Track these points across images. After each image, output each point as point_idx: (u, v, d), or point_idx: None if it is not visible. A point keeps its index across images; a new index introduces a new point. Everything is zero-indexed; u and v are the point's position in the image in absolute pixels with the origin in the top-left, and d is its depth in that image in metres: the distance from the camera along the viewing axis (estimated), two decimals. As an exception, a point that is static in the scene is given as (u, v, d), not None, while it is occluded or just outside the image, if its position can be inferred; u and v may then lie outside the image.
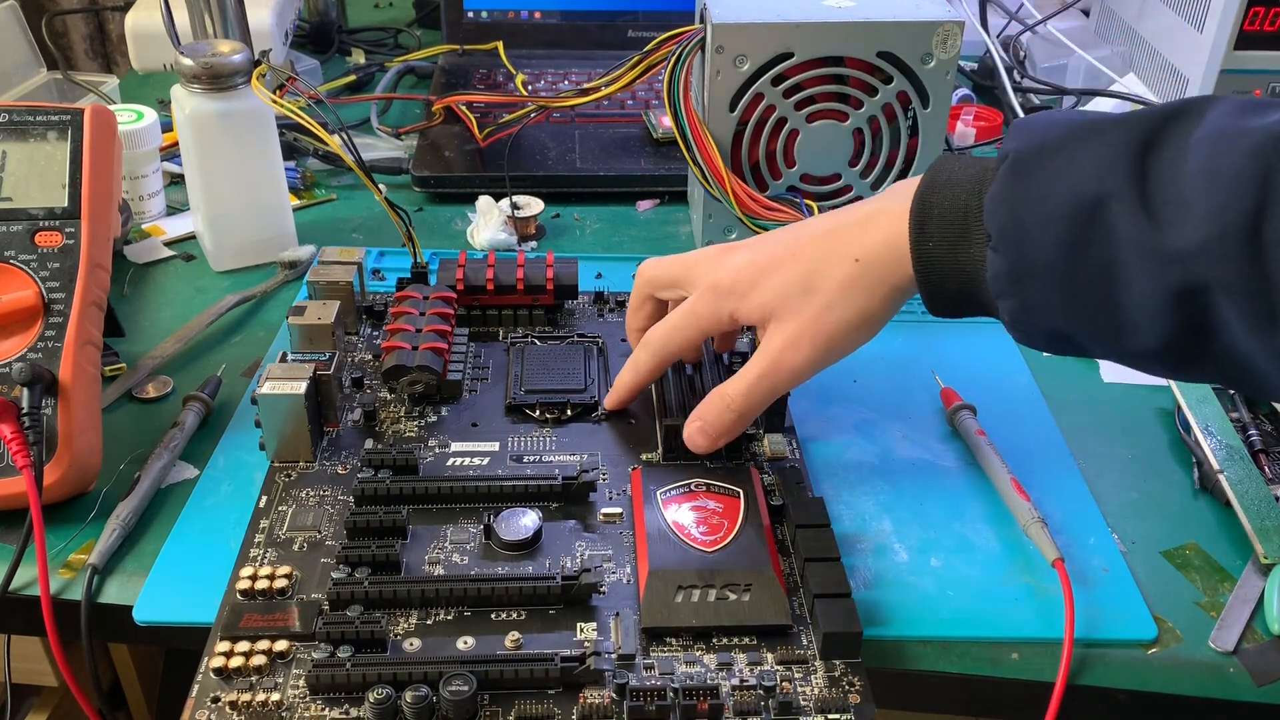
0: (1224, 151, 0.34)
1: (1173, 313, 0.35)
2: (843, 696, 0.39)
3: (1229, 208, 0.33)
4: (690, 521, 0.45)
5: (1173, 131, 0.36)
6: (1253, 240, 0.33)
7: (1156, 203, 0.35)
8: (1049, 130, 0.38)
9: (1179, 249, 0.34)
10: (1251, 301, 0.34)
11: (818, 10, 0.61)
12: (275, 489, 0.48)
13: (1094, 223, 0.36)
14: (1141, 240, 0.35)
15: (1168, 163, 0.35)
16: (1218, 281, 0.34)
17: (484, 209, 0.72)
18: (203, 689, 0.39)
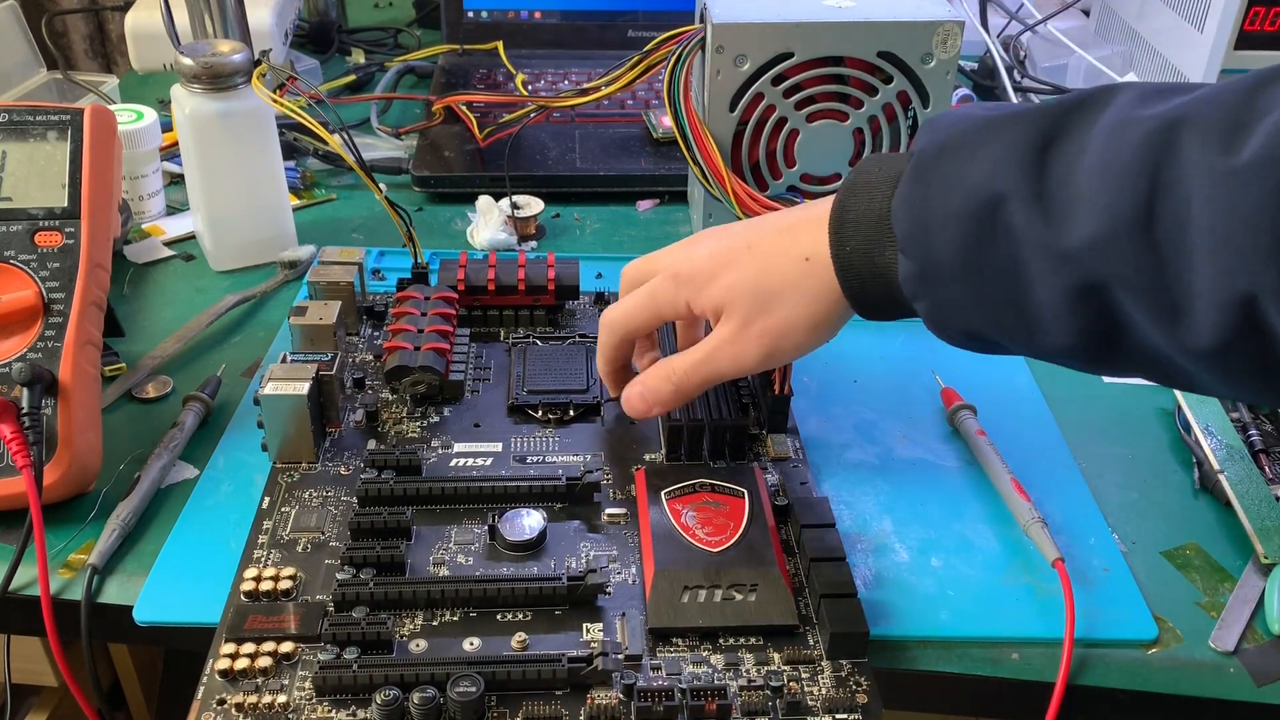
0: (1117, 143, 0.33)
1: (1078, 311, 0.34)
2: (850, 696, 0.39)
3: (1120, 201, 0.32)
4: (695, 521, 0.45)
5: (1074, 124, 0.35)
6: (1145, 234, 0.32)
7: (1051, 199, 0.34)
8: (953, 128, 0.38)
9: (1073, 246, 0.33)
10: (1151, 297, 0.33)
11: (818, 10, 0.62)
12: (278, 490, 0.48)
13: (994, 222, 0.35)
14: (1038, 238, 0.34)
15: (1066, 157, 0.34)
16: (1116, 278, 0.33)
17: (484, 209, 0.72)
18: (208, 691, 0.39)
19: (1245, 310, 0.31)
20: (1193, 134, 0.32)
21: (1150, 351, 0.34)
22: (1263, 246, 0.30)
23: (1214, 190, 0.31)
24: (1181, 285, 0.32)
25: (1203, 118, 0.32)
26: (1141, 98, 0.34)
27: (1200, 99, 0.33)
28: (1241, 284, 0.31)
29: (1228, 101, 0.32)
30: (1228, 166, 0.31)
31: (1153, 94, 0.34)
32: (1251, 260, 0.30)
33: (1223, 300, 0.31)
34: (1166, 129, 0.32)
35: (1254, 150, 0.30)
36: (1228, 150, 0.31)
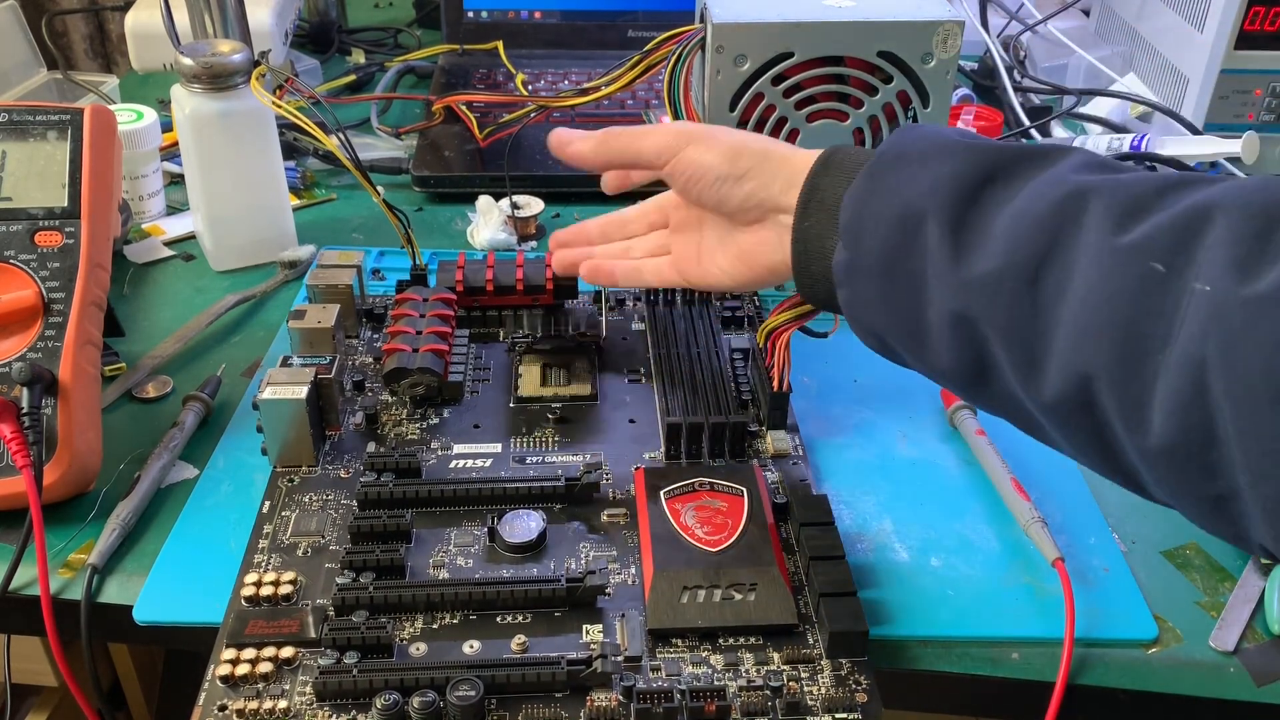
0: (1037, 197, 0.35)
1: (955, 339, 0.37)
2: (850, 696, 0.39)
3: (1018, 251, 0.34)
4: (694, 521, 0.45)
5: (1018, 171, 0.37)
6: (1029, 286, 0.34)
7: (967, 231, 0.36)
8: (917, 142, 0.39)
9: (965, 279, 0.35)
10: (1015, 345, 0.34)
11: (818, 10, 0.61)
12: (278, 494, 0.48)
13: (915, 235, 0.37)
14: (942, 262, 0.36)
15: (996, 197, 0.36)
16: (988, 318, 0.35)
17: (484, 209, 0.71)
18: (209, 697, 0.39)
19: (1083, 385, 0.33)
20: (1098, 205, 0.34)
21: (1013, 397, 0.36)
22: (1115, 329, 0.31)
23: (1095, 262, 0.32)
24: (1042, 342, 0.34)
25: (1112, 194, 0.34)
26: (1084, 165, 0.36)
27: (1122, 180, 0.34)
28: (1086, 361, 0.32)
29: (1142, 187, 0.34)
30: (1112, 244, 0.32)
31: (1095, 164, 0.36)
32: (1099, 340, 0.32)
33: (1069, 370, 0.33)
34: (1080, 195, 0.34)
35: (1138, 235, 0.32)
36: (1118, 229, 0.32)
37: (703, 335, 0.57)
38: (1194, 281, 0.30)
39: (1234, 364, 0.29)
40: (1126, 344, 0.31)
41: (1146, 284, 0.31)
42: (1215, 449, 0.30)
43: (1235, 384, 0.29)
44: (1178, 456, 0.31)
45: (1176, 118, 0.81)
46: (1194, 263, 0.30)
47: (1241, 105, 0.79)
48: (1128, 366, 0.31)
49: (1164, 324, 0.31)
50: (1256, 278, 0.29)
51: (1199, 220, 0.31)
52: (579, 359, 0.57)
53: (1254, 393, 0.28)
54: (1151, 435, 0.31)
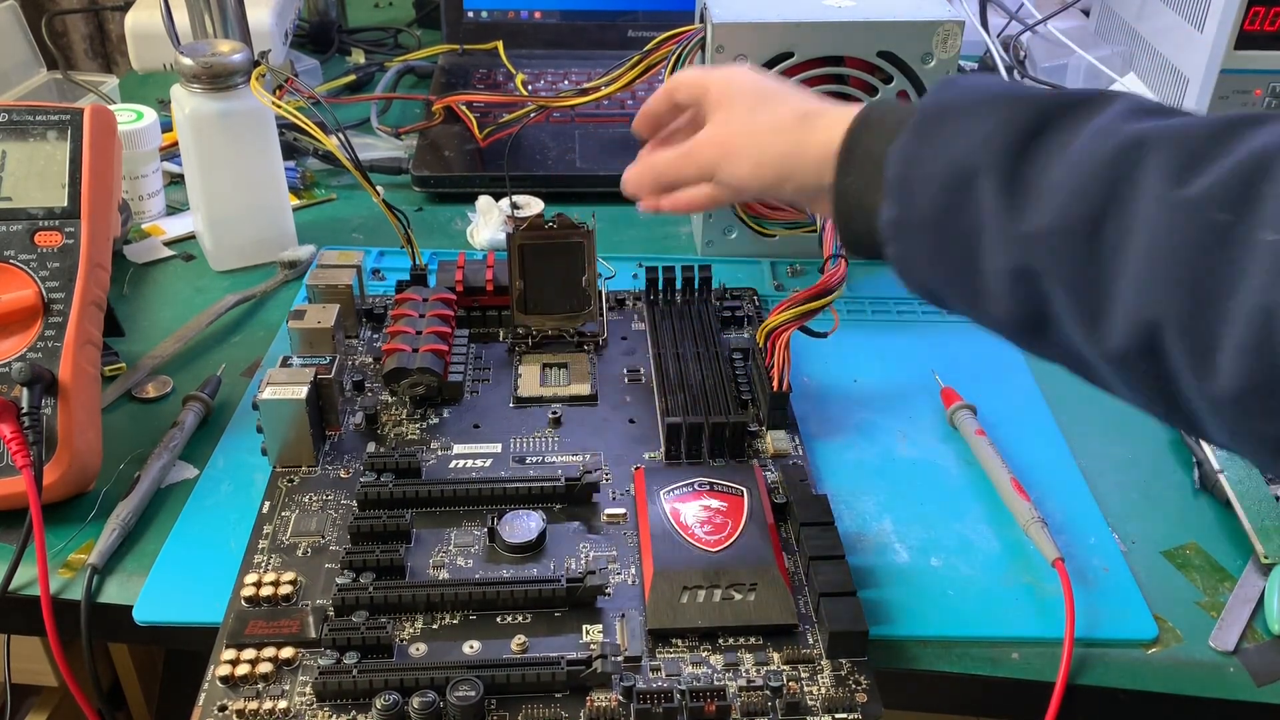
0: (1091, 148, 0.35)
1: (1014, 292, 0.36)
2: (849, 696, 0.39)
3: (1076, 202, 0.34)
4: (694, 521, 0.45)
5: (1067, 120, 0.36)
6: (1090, 239, 0.34)
7: (1021, 184, 0.36)
8: (962, 94, 0.39)
9: (1024, 232, 0.35)
10: (1078, 297, 0.34)
11: (818, 10, 0.61)
12: (278, 494, 0.48)
13: (967, 190, 0.37)
14: (998, 217, 0.36)
15: (1049, 148, 0.36)
16: (1050, 270, 0.35)
17: (484, 209, 0.72)
18: (209, 697, 0.39)
19: (1150, 333, 0.33)
20: (1155, 156, 0.33)
21: (1072, 346, 0.36)
22: (1180, 278, 0.32)
23: (1157, 215, 0.32)
24: (1106, 293, 0.34)
25: (1169, 143, 0.34)
26: (1132, 111, 0.36)
27: (1175, 125, 0.34)
28: (1153, 309, 0.32)
29: (1197, 134, 0.33)
30: (1174, 197, 0.32)
31: (1143, 110, 0.36)
32: (1167, 289, 0.32)
33: (1135, 319, 0.33)
34: (1135, 146, 0.34)
35: (1201, 187, 0.32)
36: (1179, 181, 0.32)
37: (703, 335, 0.57)
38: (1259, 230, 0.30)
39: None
40: (1194, 293, 0.31)
41: (1212, 235, 0.31)
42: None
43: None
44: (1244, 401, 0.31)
45: (1176, 118, 0.80)
46: (1260, 210, 0.30)
47: (1241, 105, 0.79)
48: (1196, 315, 0.31)
49: (1232, 271, 0.31)
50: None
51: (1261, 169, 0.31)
52: (579, 359, 0.57)
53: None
54: (1219, 381, 0.31)
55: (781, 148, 0.45)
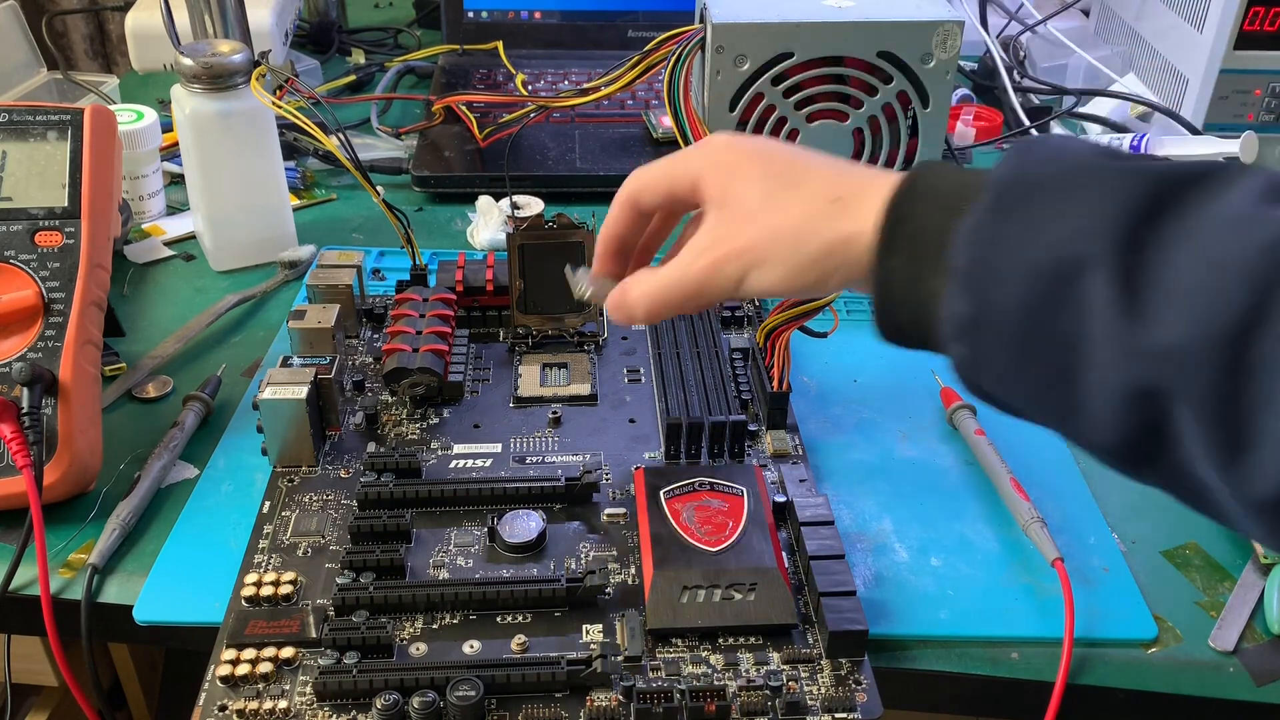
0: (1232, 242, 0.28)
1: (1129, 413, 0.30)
2: (849, 695, 0.39)
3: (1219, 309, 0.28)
4: (694, 521, 0.45)
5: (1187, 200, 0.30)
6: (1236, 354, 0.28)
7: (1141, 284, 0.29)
8: (1047, 164, 0.33)
9: (1150, 346, 0.29)
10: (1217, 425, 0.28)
11: (818, 10, 0.62)
12: (278, 494, 0.48)
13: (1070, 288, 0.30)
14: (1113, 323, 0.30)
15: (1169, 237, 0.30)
16: (1184, 392, 0.29)
17: (484, 209, 0.72)
18: (210, 697, 0.39)
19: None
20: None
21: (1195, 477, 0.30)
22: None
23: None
24: (1255, 422, 0.28)
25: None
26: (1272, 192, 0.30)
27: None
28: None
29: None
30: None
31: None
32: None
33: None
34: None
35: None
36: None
37: (703, 335, 0.57)
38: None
39: None
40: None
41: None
42: None
43: None
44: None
45: (1176, 118, 0.81)
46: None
47: (1241, 105, 0.79)
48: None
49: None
50: None
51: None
52: (579, 359, 0.57)
53: None
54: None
55: (818, 245, 0.37)
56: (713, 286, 0.39)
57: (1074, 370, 0.31)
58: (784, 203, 0.38)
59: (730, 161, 0.40)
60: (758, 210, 0.38)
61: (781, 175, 0.39)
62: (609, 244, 0.44)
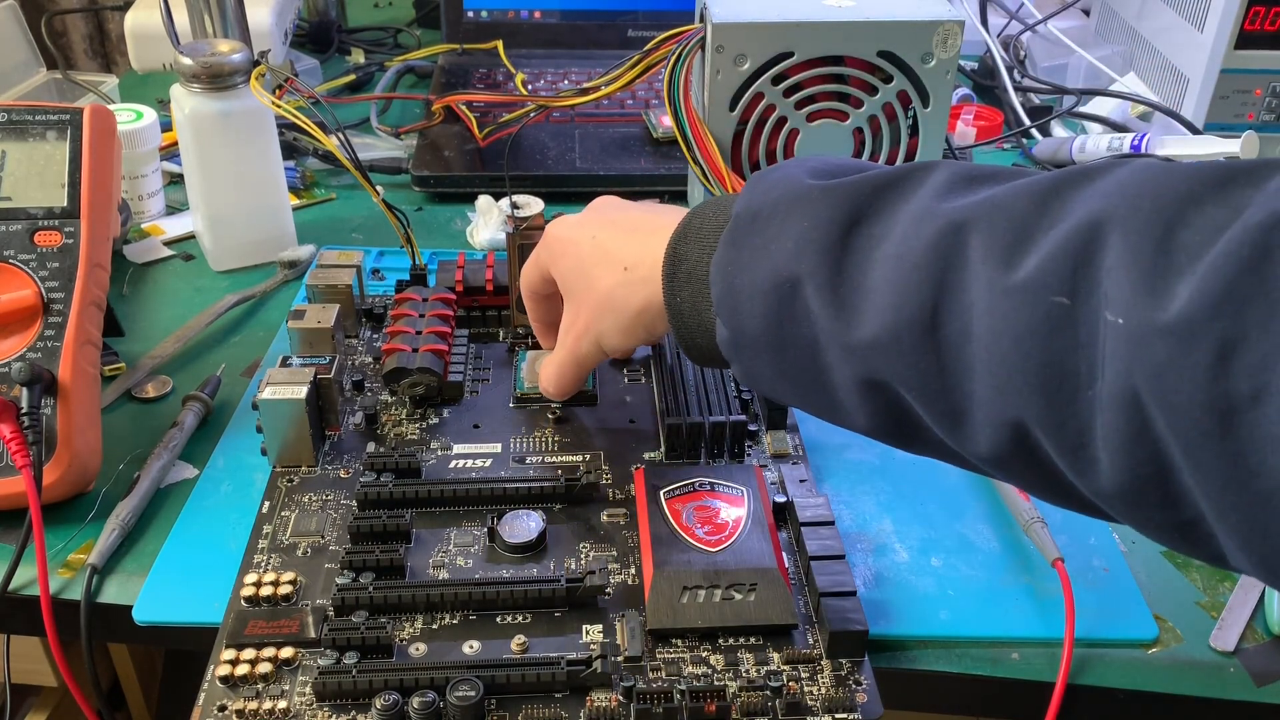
0: (911, 236, 0.32)
1: (867, 401, 0.34)
2: (849, 696, 0.39)
3: (907, 301, 0.31)
4: (694, 521, 0.45)
5: (880, 207, 0.33)
6: (929, 337, 0.31)
7: (845, 287, 0.33)
8: (769, 193, 0.36)
9: (859, 341, 0.32)
10: (933, 400, 0.32)
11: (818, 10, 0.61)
12: (278, 494, 0.48)
13: (794, 302, 0.34)
14: (830, 326, 0.33)
15: (866, 242, 0.33)
16: (897, 378, 0.32)
17: (484, 209, 0.71)
18: (209, 697, 0.39)
19: (1016, 432, 0.30)
20: (979, 238, 0.30)
21: (945, 446, 0.33)
22: (1031, 372, 0.29)
23: (992, 305, 0.29)
24: (961, 394, 0.31)
25: (990, 221, 0.31)
26: (948, 185, 0.33)
27: (995, 199, 0.31)
28: (1012, 407, 0.29)
29: (1018, 208, 0.30)
30: (1005, 283, 0.29)
31: (961, 181, 0.33)
32: (1021, 385, 0.29)
33: (996, 419, 0.30)
34: (955, 230, 0.31)
35: (1030, 270, 0.29)
36: (1007, 264, 0.29)
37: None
38: (1104, 310, 0.27)
39: (1168, 397, 0.26)
40: (1050, 385, 0.29)
41: (1053, 320, 0.28)
42: (1171, 480, 0.27)
43: (1175, 417, 0.26)
44: (1133, 493, 0.28)
45: (1176, 117, 0.81)
46: (1097, 289, 0.28)
47: (1241, 105, 0.79)
48: (1058, 409, 0.29)
49: (1085, 357, 0.28)
50: (1167, 299, 0.26)
51: (1091, 241, 0.28)
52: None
53: (1198, 425, 0.26)
54: (1102, 476, 0.29)
55: (631, 309, 0.43)
56: (584, 359, 0.47)
57: (821, 372, 0.34)
58: (595, 279, 0.44)
59: (557, 249, 0.47)
60: (583, 290, 0.45)
61: (588, 255, 0.45)
62: (537, 326, 0.53)
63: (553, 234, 0.48)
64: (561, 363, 0.49)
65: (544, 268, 0.49)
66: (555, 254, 0.47)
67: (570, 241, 0.46)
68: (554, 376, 0.50)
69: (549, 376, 0.50)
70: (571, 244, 0.46)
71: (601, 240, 0.45)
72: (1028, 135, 0.87)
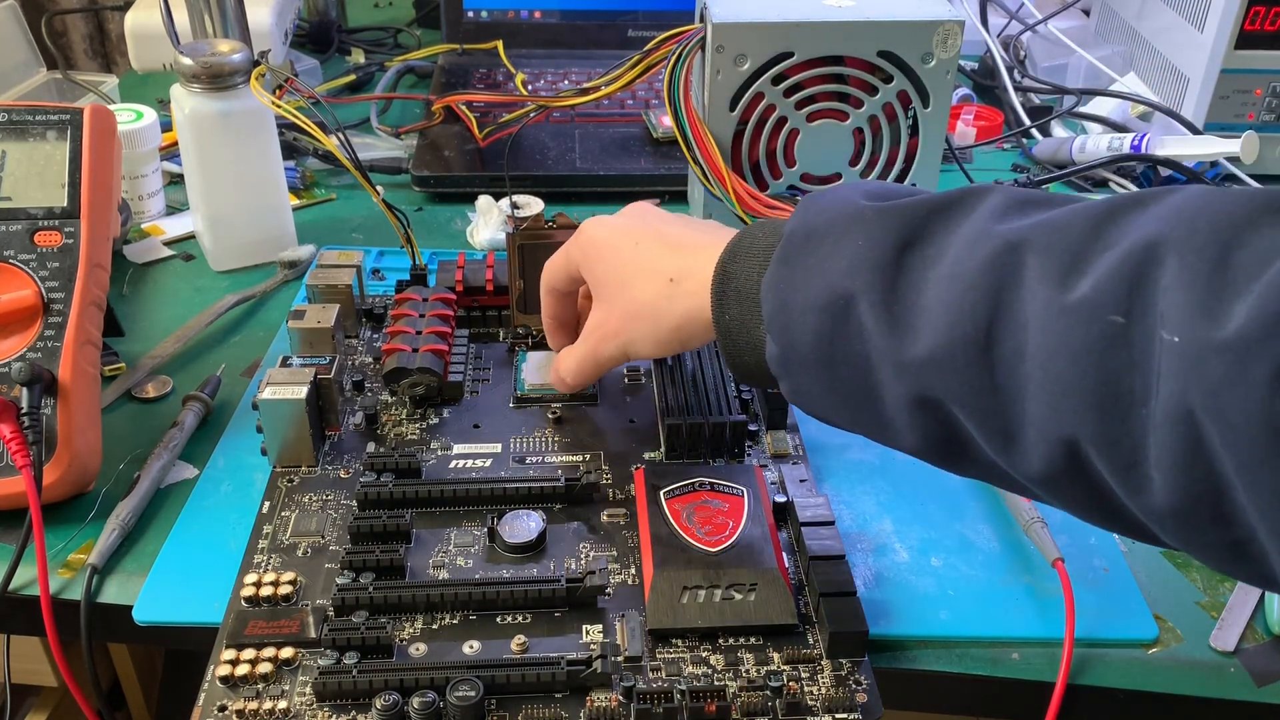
0: (967, 257, 0.32)
1: (919, 420, 0.34)
2: (849, 696, 0.39)
3: (962, 319, 0.32)
4: (694, 521, 0.45)
5: (935, 228, 0.34)
6: (983, 355, 0.31)
7: (900, 306, 0.34)
8: (823, 214, 0.37)
9: (913, 359, 0.33)
10: (985, 418, 0.32)
11: (818, 10, 0.61)
12: (278, 494, 0.48)
13: (847, 319, 0.35)
14: (884, 344, 0.34)
15: (921, 262, 0.34)
16: (950, 396, 0.33)
17: (484, 209, 0.71)
18: (209, 697, 0.39)
19: (1069, 450, 0.30)
20: (1035, 259, 0.31)
21: (995, 466, 0.34)
22: (1087, 389, 0.29)
23: (1047, 324, 0.30)
24: (1014, 413, 0.31)
25: (1046, 243, 0.31)
26: (1004, 208, 0.34)
27: (1051, 221, 0.32)
28: (1066, 425, 0.30)
29: (1074, 230, 0.31)
30: (1061, 302, 0.30)
31: (1015, 205, 0.34)
32: (1076, 402, 0.30)
33: (1049, 437, 0.31)
34: (1011, 250, 0.32)
35: (1086, 290, 0.30)
36: (1063, 285, 0.30)
37: (703, 335, 0.57)
38: (1159, 329, 0.28)
39: (1225, 414, 0.26)
40: (1105, 403, 0.29)
41: (1109, 339, 0.29)
42: (1225, 499, 0.27)
43: (1231, 435, 0.26)
44: (1185, 512, 0.29)
45: (1176, 117, 0.81)
46: (1153, 308, 0.28)
47: (1241, 105, 0.79)
48: (1112, 427, 0.29)
49: (1140, 376, 0.28)
50: (1225, 318, 0.26)
51: (1147, 262, 0.29)
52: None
53: (1255, 442, 0.26)
54: (1155, 495, 0.29)
55: (671, 321, 0.43)
56: (606, 360, 0.48)
57: (870, 390, 0.35)
58: (634, 288, 0.45)
59: (593, 252, 0.47)
60: (618, 295, 0.46)
61: (630, 261, 0.45)
62: (548, 322, 0.53)
63: (590, 234, 0.47)
64: (582, 358, 0.49)
65: (574, 266, 0.48)
66: (590, 256, 0.47)
67: (610, 246, 0.46)
68: (574, 369, 0.50)
69: (569, 369, 0.50)
70: (611, 249, 0.46)
71: (645, 249, 0.45)
72: (1028, 135, 0.87)
